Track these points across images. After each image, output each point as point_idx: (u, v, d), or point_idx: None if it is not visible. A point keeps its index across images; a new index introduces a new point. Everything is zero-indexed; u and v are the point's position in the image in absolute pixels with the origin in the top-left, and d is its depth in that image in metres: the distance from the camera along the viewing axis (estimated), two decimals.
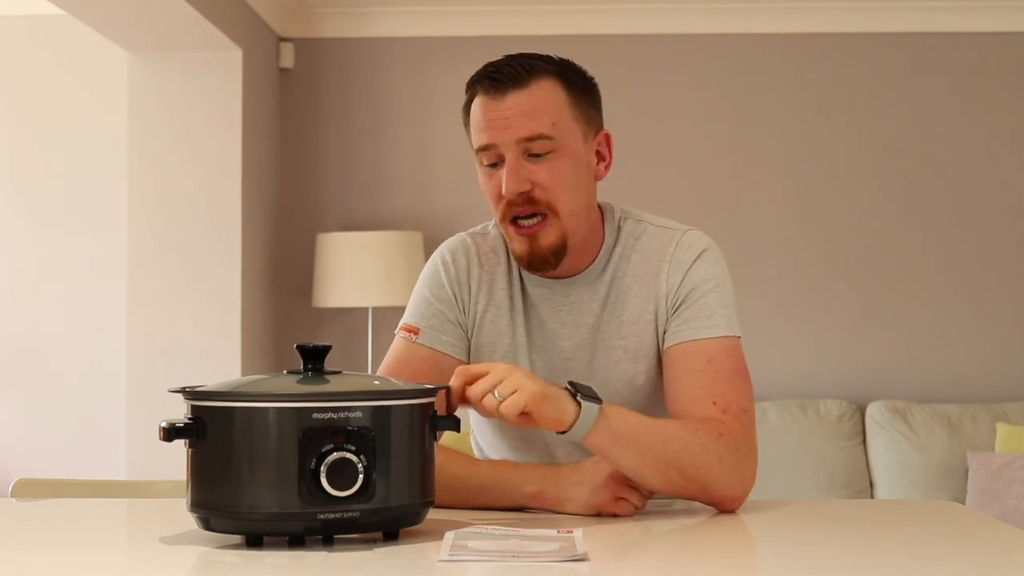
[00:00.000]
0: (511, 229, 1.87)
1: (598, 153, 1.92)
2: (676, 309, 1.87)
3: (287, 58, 4.84)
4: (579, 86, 1.89)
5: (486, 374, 1.61)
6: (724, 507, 1.76)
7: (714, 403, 1.78)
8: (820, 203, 4.77)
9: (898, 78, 4.78)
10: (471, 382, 1.62)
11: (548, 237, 1.84)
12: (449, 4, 4.76)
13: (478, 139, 1.86)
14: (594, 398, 1.65)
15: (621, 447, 1.68)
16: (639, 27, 4.80)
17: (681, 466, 1.71)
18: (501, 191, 1.83)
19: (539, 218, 1.84)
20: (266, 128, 4.67)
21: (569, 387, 1.65)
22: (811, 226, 4.77)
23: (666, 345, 1.87)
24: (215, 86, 4.31)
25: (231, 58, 4.31)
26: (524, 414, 1.60)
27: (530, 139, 1.82)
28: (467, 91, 1.91)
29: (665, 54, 4.81)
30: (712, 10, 4.76)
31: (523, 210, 1.84)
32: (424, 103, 4.83)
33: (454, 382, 1.63)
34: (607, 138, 1.94)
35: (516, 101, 1.83)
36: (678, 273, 1.89)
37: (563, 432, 1.64)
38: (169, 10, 3.79)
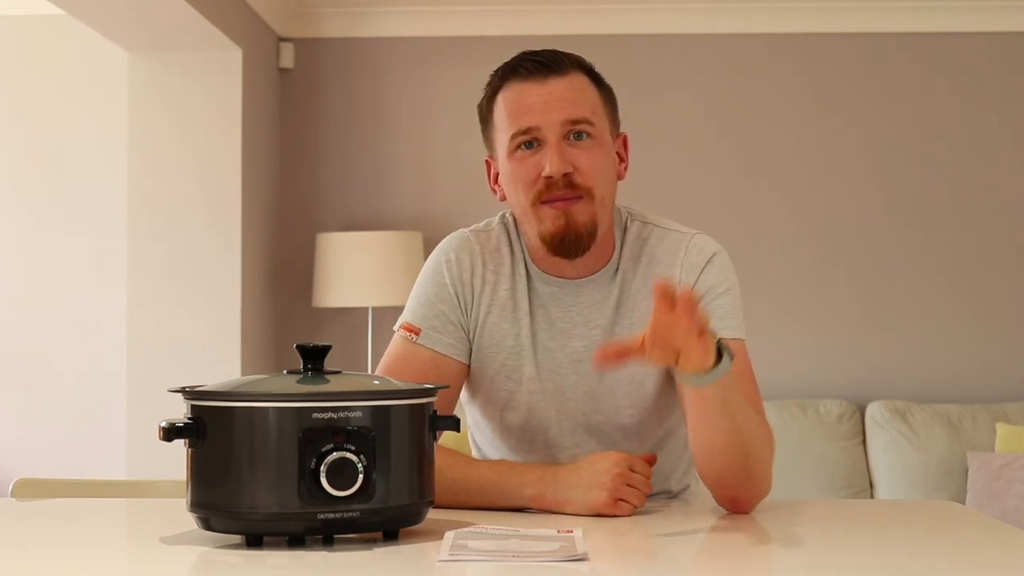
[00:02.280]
0: (544, 208, 1.85)
1: (618, 154, 1.94)
2: None
3: (287, 58, 4.84)
4: (605, 87, 1.93)
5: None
6: (742, 507, 1.76)
7: (752, 407, 1.80)
8: (820, 203, 4.77)
9: (898, 78, 4.79)
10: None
11: (583, 215, 1.84)
12: (449, 4, 4.76)
13: (516, 123, 1.85)
14: (729, 352, 1.62)
15: (724, 405, 1.68)
16: (639, 27, 4.80)
17: (748, 449, 1.72)
18: (538, 173, 1.83)
19: (574, 199, 1.84)
20: (266, 128, 4.67)
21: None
22: (811, 226, 4.77)
23: None
24: (215, 86, 4.31)
25: (231, 58, 4.31)
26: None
27: (575, 122, 1.84)
28: (494, 81, 1.90)
29: (665, 54, 4.81)
30: (712, 10, 4.76)
31: (562, 193, 1.83)
32: (424, 103, 4.83)
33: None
34: (625, 140, 1.97)
35: (558, 86, 1.85)
36: (691, 276, 1.90)
37: (695, 374, 1.60)
38: (169, 10, 3.79)
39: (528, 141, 1.85)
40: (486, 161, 1.96)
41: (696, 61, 4.81)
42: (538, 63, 1.85)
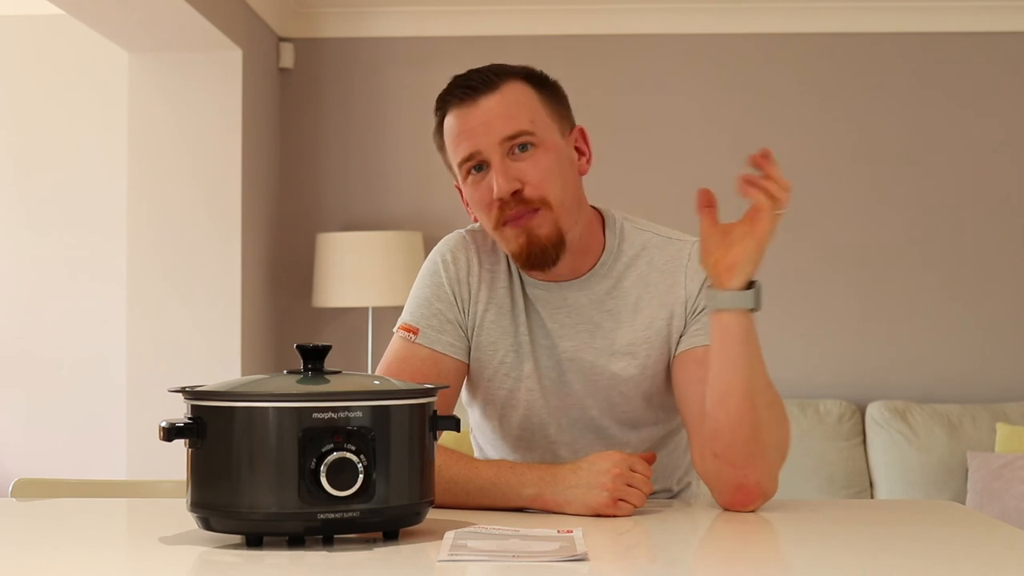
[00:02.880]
0: (505, 228, 1.85)
1: (577, 149, 1.93)
2: (697, 314, 1.88)
3: (287, 58, 4.84)
4: (546, 86, 1.91)
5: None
6: (748, 496, 1.74)
7: None
8: (819, 203, 4.77)
9: (898, 78, 4.79)
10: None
11: (543, 227, 1.84)
12: (449, 4, 4.76)
13: (459, 150, 1.86)
14: (759, 292, 1.74)
15: (746, 347, 1.72)
16: (639, 27, 4.79)
17: (761, 417, 1.73)
18: (492, 196, 1.83)
19: (530, 213, 1.84)
20: (266, 128, 4.67)
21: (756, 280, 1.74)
22: (811, 226, 4.77)
23: (686, 347, 1.88)
24: (215, 86, 4.31)
25: (231, 58, 4.31)
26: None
27: (512, 137, 1.83)
28: (436, 112, 1.91)
29: (664, 54, 4.81)
30: (712, 10, 4.76)
31: (516, 211, 1.83)
32: (424, 103, 4.77)
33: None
34: (583, 133, 1.96)
35: (490, 105, 1.84)
36: (696, 281, 1.90)
37: (721, 289, 1.72)
38: (169, 10, 3.79)
39: (476, 165, 1.85)
40: (456, 187, 1.95)
41: (695, 61, 4.81)
42: (467, 87, 1.86)
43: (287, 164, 4.87)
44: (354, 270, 4.51)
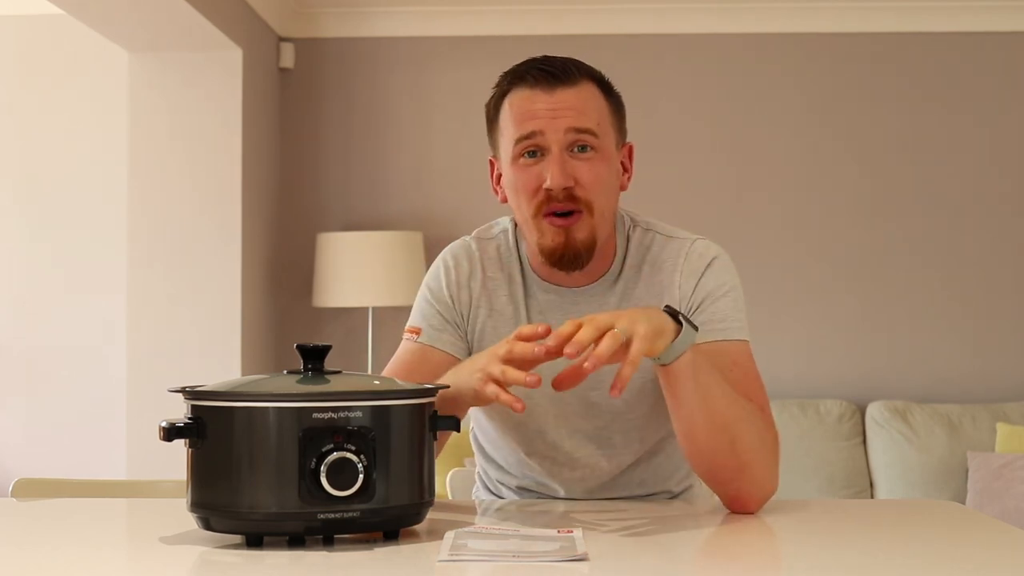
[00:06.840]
0: (545, 222, 1.84)
1: (622, 164, 1.94)
2: (691, 313, 1.87)
3: (287, 58, 4.84)
4: (614, 96, 1.92)
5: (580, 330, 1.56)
6: (746, 505, 1.74)
7: (750, 401, 1.78)
8: (819, 203, 4.77)
9: (897, 78, 4.79)
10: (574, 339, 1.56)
11: (582, 232, 1.84)
12: (449, 4, 4.76)
13: (521, 128, 1.83)
14: (692, 324, 1.64)
15: (695, 382, 1.67)
16: (639, 27, 4.80)
17: (733, 435, 1.71)
18: (540, 184, 1.82)
19: (574, 215, 1.84)
20: (266, 128, 4.67)
21: (668, 309, 1.64)
22: (811, 226, 4.77)
23: None
24: (215, 86, 4.31)
25: (231, 58, 4.31)
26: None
27: (579, 131, 1.82)
28: (503, 84, 1.89)
29: (665, 54, 4.81)
30: (712, 10, 4.76)
31: (562, 206, 1.83)
32: (424, 103, 4.83)
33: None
34: (631, 150, 1.96)
35: (566, 96, 1.83)
36: (691, 280, 1.89)
37: (659, 353, 1.61)
38: (169, 10, 3.80)
39: (531, 149, 1.84)
40: (490, 161, 1.95)
41: (693, 61, 4.81)
42: (546, 72, 1.84)
43: (287, 164, 4.87)
44: (354, 270, 4.51)
